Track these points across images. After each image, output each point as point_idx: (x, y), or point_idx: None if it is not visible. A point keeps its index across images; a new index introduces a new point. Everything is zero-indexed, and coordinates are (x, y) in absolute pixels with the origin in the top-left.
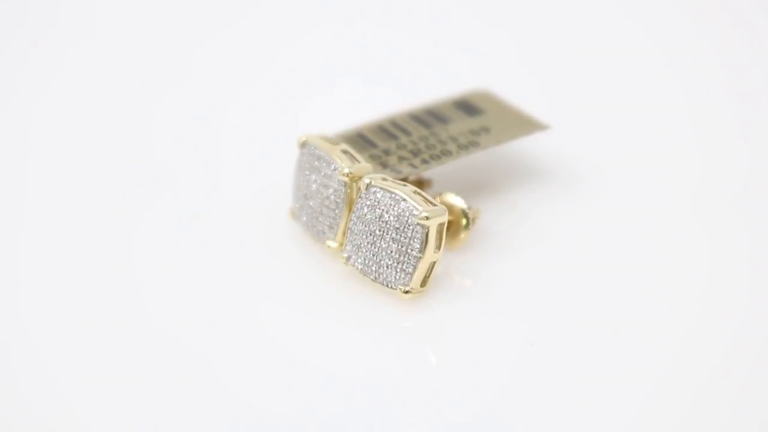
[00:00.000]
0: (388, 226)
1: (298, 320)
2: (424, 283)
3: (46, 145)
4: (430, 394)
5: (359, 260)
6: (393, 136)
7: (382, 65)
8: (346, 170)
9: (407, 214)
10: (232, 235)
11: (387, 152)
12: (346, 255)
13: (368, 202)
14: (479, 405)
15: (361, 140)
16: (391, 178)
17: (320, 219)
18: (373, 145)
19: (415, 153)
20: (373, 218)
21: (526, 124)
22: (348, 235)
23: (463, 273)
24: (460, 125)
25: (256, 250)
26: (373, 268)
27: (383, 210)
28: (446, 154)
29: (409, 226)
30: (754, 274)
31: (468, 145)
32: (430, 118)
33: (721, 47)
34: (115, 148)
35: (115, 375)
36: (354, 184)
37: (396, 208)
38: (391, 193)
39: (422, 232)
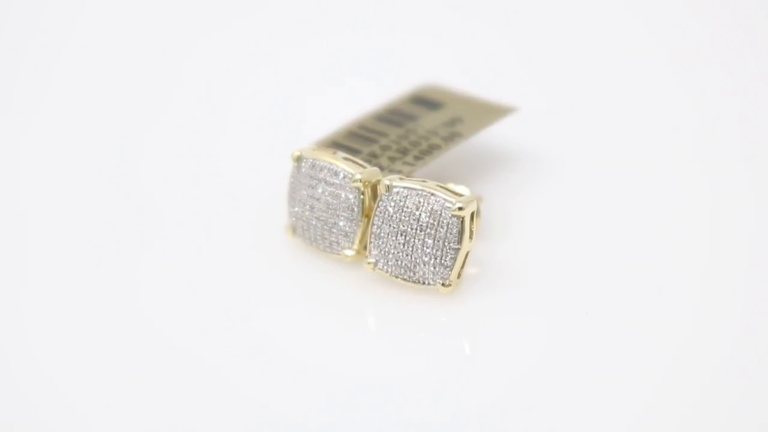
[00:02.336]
0: (420, 222)
1: (333, 328)
2: (459, 275)
3: (41, 147)
4: (485, 383)
5: (389, 263)
6: (370, 140)
7: (355, 65)
8: (358, 176)
9: (440, 207)
10: (240, 244)
11: (374, 155)
12: (372, 261)
13: (392, 203)
14: (525, 391)
15: (340, 149)
16: (407, 177)
17: (333, 230)
18: (355, 151)
19: (404, 152)
20: (402, 218)
21: (494, 109)
22: (372, 240)
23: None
24: (431, 120)
25: (268, 260)
26: (407, 268)
27: (413, 208)
28: (435, 147)
29: (443, 219)
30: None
31: (452, 136)
32: (396, 117)
33: (683, 32)
34: (110, 153)
35: (116, 378)
36: (366, 189)
37: (427, 204)
38: (417, 190)
39: (458, 223)
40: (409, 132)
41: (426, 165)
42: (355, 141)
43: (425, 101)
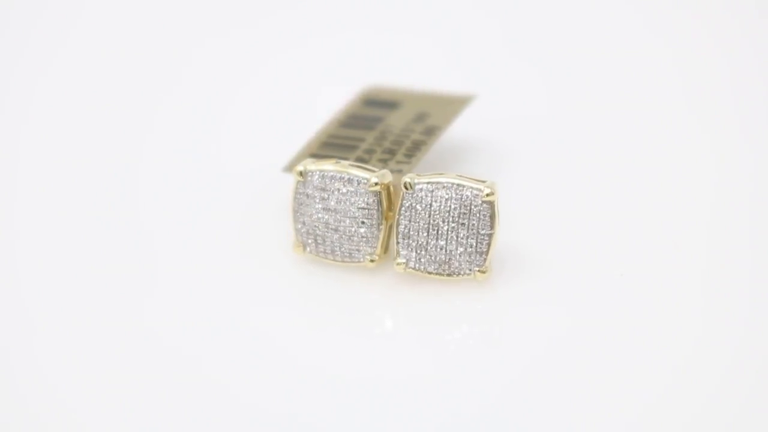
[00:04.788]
0: (450, 214)
1: (370, 332)
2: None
3: (37, 142)
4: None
5: (422, 260)
6: (350, 147)
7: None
8: (375, 180)
9: (470, 195)
10: (249, 254)
11: (362, 160)
12: (402, 261)
13: (418, 200)
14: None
15: (324, 159)
16: (422, 173)
17: (353, 238)
18: (341, 159)
19: (391, 152)
20: (432, 212)
21: (454, 100)
22: (400, 240)
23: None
24: (398, 119)
25: (281, 272)
26: (442, 261)
27: (442, 201)
28: (420, 143)
29: (474, 206)
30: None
31: (431, 130)
32: (361, 121)
33: (644, 24)
34: (109, 149)
35: (119, 382)
36: (382, 192)
37: (456, 195)
38: (441, 183)
39: (489, 209)
40: (385, 133)
41: (419, 161)
42: (334, 150)
43: (379, 103)
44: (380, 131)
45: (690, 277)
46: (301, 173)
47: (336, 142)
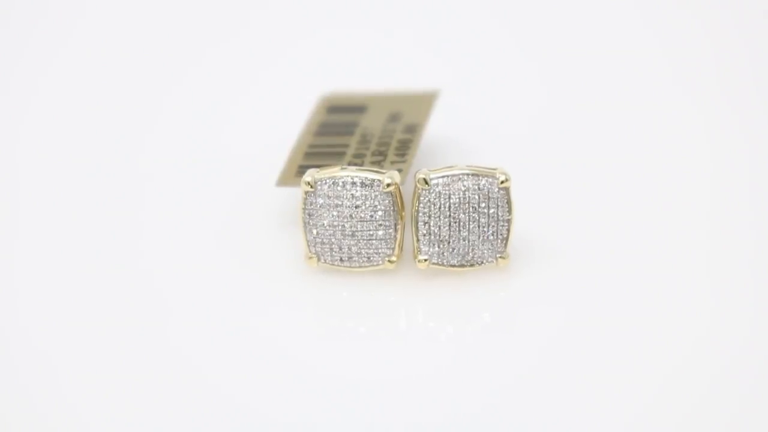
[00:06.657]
0: (470, 205)
1: (402, 333)
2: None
3: (39, 138)
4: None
5: (444, 254)
6: (336, 154)
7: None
8: (389, 181)
9: (486, 184)
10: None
11: (355, 165)
12: (424, 258)
13: (436, 196)
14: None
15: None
16: (432, 168)
17: (372, 242)
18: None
19: (381, 154)
20: (452, 205)
21: (422, 97)
22: (420, 237)
23: None
24: (372, 121)
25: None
26: (465, 253)
27: (460, 193)
28: (408, 141)
29: (492, 194)
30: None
31: (413, 128)
32: (336, 128)
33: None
34: (108, 147)
35: (117, 378)
36: (395, 192)
37: (473, 185)
38: (456, 175)
39: (506, 195)
40: (367, 136)
41: (414, 158)
42: (320, 159)
43: (345, 108)
44: (360, 135)
45: (695, 267)
46: (309, 183)
47: (320, 152)
